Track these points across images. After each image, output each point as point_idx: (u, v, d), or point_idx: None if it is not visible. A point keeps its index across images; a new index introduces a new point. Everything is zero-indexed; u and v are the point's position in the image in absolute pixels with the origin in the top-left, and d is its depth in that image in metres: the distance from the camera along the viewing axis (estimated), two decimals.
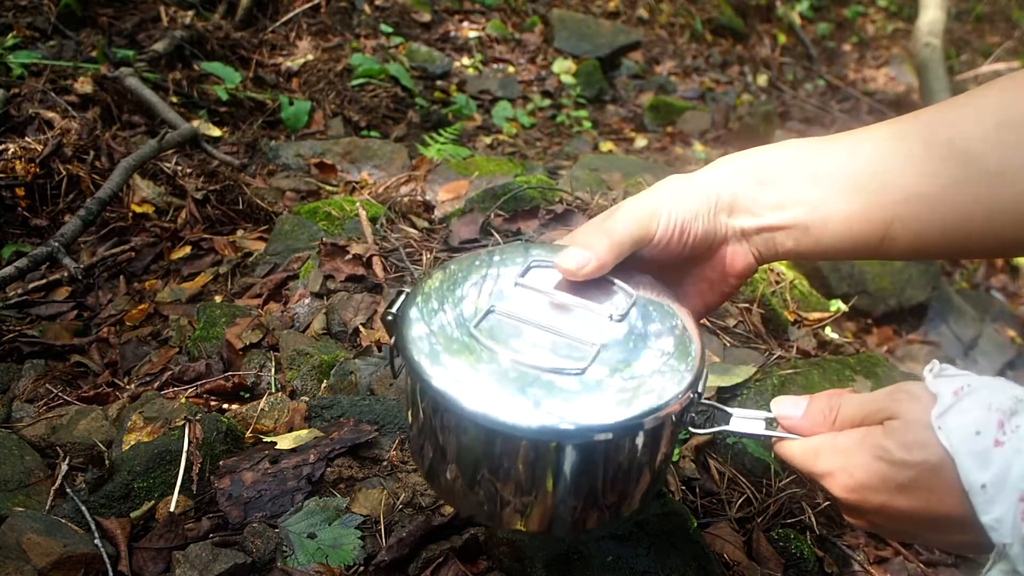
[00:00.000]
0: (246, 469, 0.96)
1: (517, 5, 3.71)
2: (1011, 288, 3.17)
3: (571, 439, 0.59)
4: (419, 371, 0.61)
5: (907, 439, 0.56)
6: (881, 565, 1.13)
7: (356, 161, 2.17)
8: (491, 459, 0.62)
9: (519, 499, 0.63)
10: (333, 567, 0.86)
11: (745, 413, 0.69)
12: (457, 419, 0.61)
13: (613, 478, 0.63)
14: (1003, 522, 0.51)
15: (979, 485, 0.52)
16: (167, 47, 2.36)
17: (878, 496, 0.58)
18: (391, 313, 0.67)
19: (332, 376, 1.18)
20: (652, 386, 0.62)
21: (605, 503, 0.65)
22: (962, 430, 0.53)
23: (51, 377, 1.32)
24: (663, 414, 0.61)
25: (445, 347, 0.63)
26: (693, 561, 0.88)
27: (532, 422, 0.58)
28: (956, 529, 0.56)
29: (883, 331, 2.20)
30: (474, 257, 0.74)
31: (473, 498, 0.65)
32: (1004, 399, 0.53)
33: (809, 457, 0.63)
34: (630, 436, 0.61)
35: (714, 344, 1.39)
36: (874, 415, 0.60)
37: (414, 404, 0.66)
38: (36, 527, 0.85)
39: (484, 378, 0.60)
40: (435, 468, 0.67)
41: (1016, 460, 0.51)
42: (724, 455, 1.14)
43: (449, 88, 2.88)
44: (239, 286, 1.55)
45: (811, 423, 0.64)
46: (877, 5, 5.61)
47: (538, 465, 0.61)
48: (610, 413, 0.59)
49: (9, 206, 1.71)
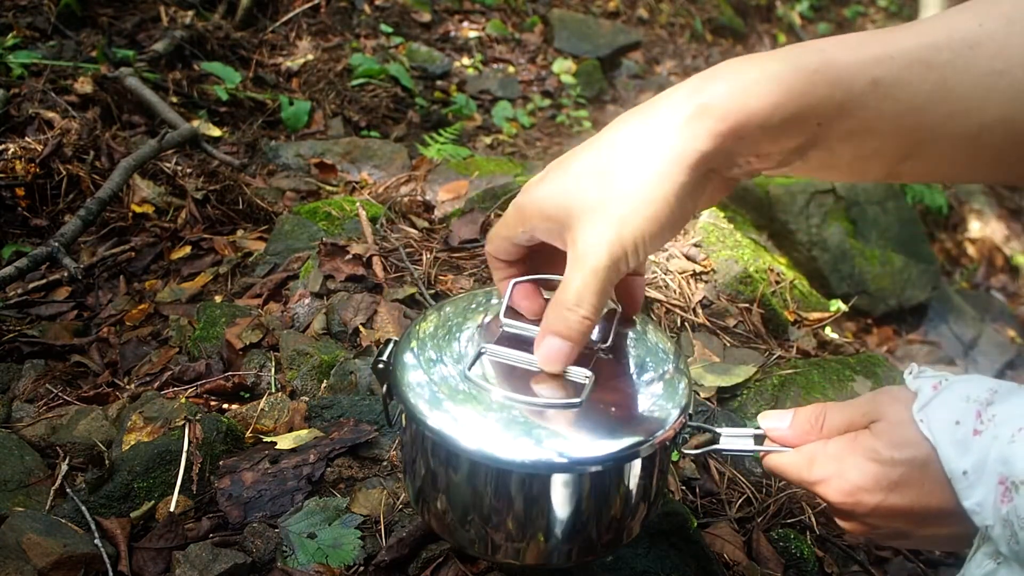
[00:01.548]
0: (246, 469, 0.96)
1: (517, 5, 3.71)
2: (1011, 288, 3.17)
3: (568, 472, 0.60)
4: (415, 413, 0.62)
5: (894, 438, 0.59)
6: (881, 565, 1.13)
7: (356, 161, 2.17)
8: (490, 497, 0.62)
9: (519, 533, 0.64)
10: (333, 567, 0.86)
11: (733, 431, 0.70)
12: (455, 459, 0.62)
13: (611, 508, 0.64)
14: (984, 505, 0.53)
15: (961, 472, 0.54)
16: (167, 47, 2.36)
17: (873, 497, 0.59)
18: (381, 361, 0.67)
19: (332, 376, 1.18)
20: (645, 414, 0.63)
21: (604, 533, 0.65)
22: (942, 421, 0.56)
23: (51, 377, 1.32)
24: (657, 442, 0.62)
25: (440, 389, 0.63)
26: (693, 561, 0.88)
27: (529, 457, 0.58)
28: (945, 522, 0.58)
29: (883, 331, 2.20)
30: (468, 298, 0.75)
31: (469, 534, 0.66)
32: (980, 391, 0.56)
33: (802, 466, 0.64)
34: (625, 466, 0.62)
35: (714, 344, 1.39)
36: (860, 419, 0.62)
37: (412, 447, 0.67)
38: (36, 527, 0.85)
39: (481, 417, 0.61)
40: (434, 508, 0.67)
41: (994, 446, 0.53)
42: (724, 455, 1.14)
43: (449, 88, 2.88)
44: (239, 286, 1.55)
45: (799, 433, 0.66)
46: (877, 5, 5.61)
47: (537, 500, 0.61)
48: (605, 445, 0.60)
49: (9, 206, 1.71)
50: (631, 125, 0.60)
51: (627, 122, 0.61)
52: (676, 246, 1.59)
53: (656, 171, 0.57)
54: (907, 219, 2.42)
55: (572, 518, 0.63)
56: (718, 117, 0.56)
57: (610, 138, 0.61)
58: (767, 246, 1.96)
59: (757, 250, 1.68)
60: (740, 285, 1.52)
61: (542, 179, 0.64)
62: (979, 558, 0.56)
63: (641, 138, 0.59)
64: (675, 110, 0.58)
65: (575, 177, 0.61)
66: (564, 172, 0.62)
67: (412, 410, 0.62)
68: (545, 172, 0.64)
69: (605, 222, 0.58)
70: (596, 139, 0.62)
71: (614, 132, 0.61)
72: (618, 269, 0.59)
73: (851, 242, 2.18)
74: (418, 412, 0.62)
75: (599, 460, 0.60)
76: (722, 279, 1.52)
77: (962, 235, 3.33)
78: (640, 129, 0.59)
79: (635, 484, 0.64)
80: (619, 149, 0.60)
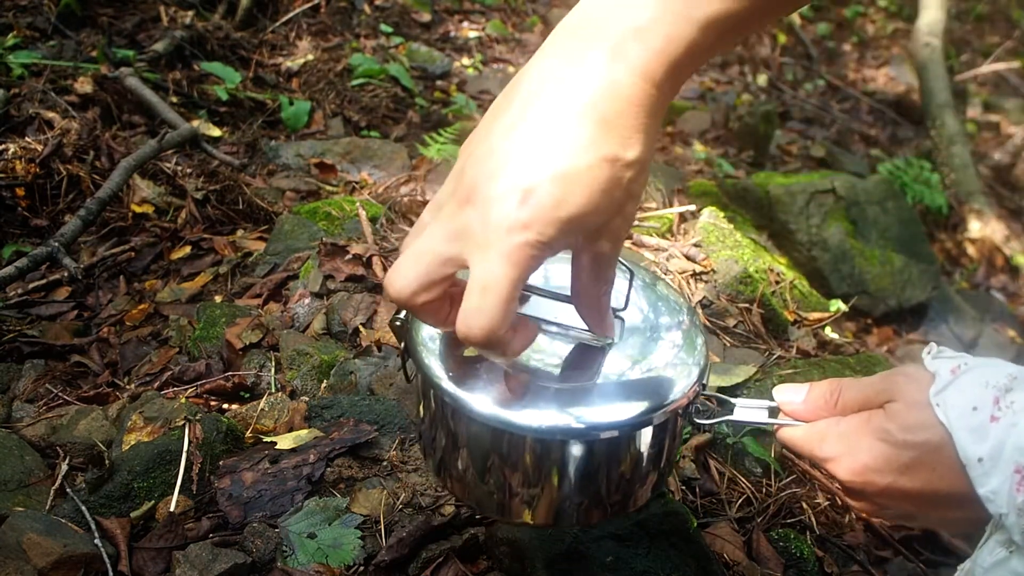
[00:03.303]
0: (246, 469, 0.96)
1: (517, 5, 3.70)
2: (1011, 288, 3.17)
3: (581, 438, 0.60)
4: (430, 373, 0.62)
5: (908, 420, 0.58)
6: (881, 565, 1.13)
7: (356, 161, 2.17)
8: (501, 458, 0.62)
9: (527, 493, 0.64)
10: (333, 567, 0.86)
11: (748, 403, 0.70)
12: (468, 420, 0.61)
13: (622, 474, 0.64)
14: (999, 493, 0.53)
15: (976, 459, 0.54)
16: (167, 47, 2.36)
17: (883, 478, 0.59)
18: (399, 319, 0.67)
19: (332, 376, 1.18)
20: (660, 381, 0.63)
21: (612, 498, 0.65)
22: (959, 407, 0.55)
23: (51, 377, 1.32)
24: (671, 409, 0.61)
25: (455, 348, 0.63)
26: (693, 561, 0.88)
27: (542, 422, 0.58)
28: (956, 506, 0.58)
29: (883, 331, 2.20)
30: None
31: (482, 492, 0.65)
32: (999, 376, 0.55)
33: (814, 442, 0.64)
34: (639, 433, 0.62)
35: (714, 344, 1.39)
36: (874, 398, 0.62)
37: (425, 404, 0.67)
38: (36, 527, 0.85)
39: (494, 379, 0.60)
40: (445, 464, 0.67)
41: (1011, 434, 0.52)
42: (724, 455, 1.14)
43: (449, 88, 2.88)
44: (239, 286, 1.55)
45: (813, 409, 0.65)
46: (877, 5, 5.60)
47: (547, 463, 0.61)
48: (619, 411, 0.60)
49: (9, 206, 1.71)
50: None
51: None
52: (676, 246, 1.59)
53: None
54: (907, 219, 2.41)
55: (583, 482, 0.63)
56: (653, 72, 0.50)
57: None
58: (767, 246, 1.96)
59: (757, 250, 1.68)
60: (740, 285, 1.52)
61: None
62: (991, 545, 0.55)
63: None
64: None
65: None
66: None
67: (426, 370, 0.62)
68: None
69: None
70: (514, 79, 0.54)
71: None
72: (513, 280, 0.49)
73: (851, 242, 2.18)
74: (432, 373, 0.62)
75: (613, 426, 0.59)
76: (722, 279, 1.52)
77: (962, 235, 3.33)
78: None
79: (648, 450, 0.64)
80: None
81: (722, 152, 3.04)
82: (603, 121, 0.49)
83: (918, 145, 3.89)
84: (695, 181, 2.11)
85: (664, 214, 1.72)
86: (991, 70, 4.79)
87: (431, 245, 0.52)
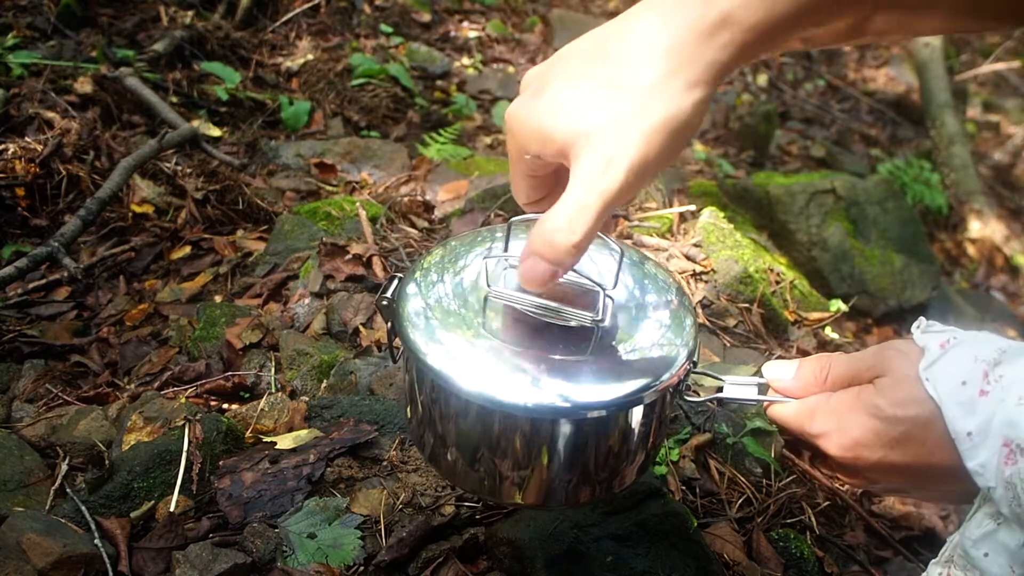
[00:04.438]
0: (246, 469, 0.96)
1: (517, 5, 3.70)
2: (1011, 288, 3.17)
3: (570, 416, 0.59)
4: (416, 350, 0.61)
5: (898, 395, 0.58)
6: (881, 565, 1.13)
7: (356, 161, 2.17)
8: (488, 436, 0.62)
9: (516, 474, 0.63)
10: (333, 567, 0.86)
11: (738, 380, 0.69)
12: (455, 398, 0.61)
13: (611, 452, 0.63)
14: (987, 467, 0.53)
15: (965, 432, 0.54)
16: (167, 47, 2.36)
17: (873, 453, 0.59)
18: (385, 298, 0.67)
19: (332, 376, 1.18)
20: (650, 359, 0.62)
21: (600, 476, 0.65)
22: (949, 381, 0.55)
23: (51, 377, 1.32)
24: (661, 388, 0.61)
25: (442, 325, 0.62)
26: (693, 561, 0.88)
27: (530, 400, 0.58)
28: (946, 479, 0.58)
29: (883, 331, 2.20)
30: (474, 235, 0.73)
31: (470, 471, 0.65)
32: (989, 350, 0.55)
33: (804, 418, 0.64)
34: (629, 411, 0.62)
35: (714, 344, 1.39)
36: (864, 373, 0.62)
37: (413, 384, 0.66)
38: (36, 527, 0.85)
39: (482, 356, 0.60)
40: (433, 443, 0.67)
41: (1000, 408, 0.53)
42: (724, 455, 1.14)
43: (449, 88, 2.88)
44: (239, 286, 1.55)
45: (802, 384, 0.66)
46: None
47: (536, 441, 0.61)
48: (609, 390, 0.59)
49: (9, 206, 1.71)
50: (645, 27, 0.52)
51: (640, 22, 0.53)
52: (676, 246, 1.59)
53: (676, 87, 0.51)
54: (907, 219, 2.41)
55: (572, 461, 0.62)
56: (744, 28, 0.50)
57: (621, 42, 0.53)
58: (767, 246, 1.96)
59: (757, 250, 1.68)
60: (740, 285, 1.52)
61: (540, 91, 0.55)
62: (979, 518, 0.56)
63: (658, 47, 0.51)
64: (694, 15, 0.51)
65: (578, 86, 0.53)
66: (567, 79, 0.54)
67: (413, 348, 0.61)
68: (542, 80, 0.56)
69: (614, 143, 0.51)
70: (603, 38, 0.54)
71: (626, 33, 0.53)
72: (623, 195, 0.52)
73: (851, 242, 2.18)
74: (419, 350, 0.61)
75: (602, 405, 0.59)
76: (722, 279, 1.52)
77: (962, 235, 3.33)
78: (657, 35, 0.52)
79: (639, 429, 0.63)
80: (633, 56, 0.52)
81: (722, 152, 3.04)
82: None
83: (918, 145, 3.89)
84: (695, 181, 2.11)
85: (664, 214, 1.72)
86: (991, 70, 4.79)
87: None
